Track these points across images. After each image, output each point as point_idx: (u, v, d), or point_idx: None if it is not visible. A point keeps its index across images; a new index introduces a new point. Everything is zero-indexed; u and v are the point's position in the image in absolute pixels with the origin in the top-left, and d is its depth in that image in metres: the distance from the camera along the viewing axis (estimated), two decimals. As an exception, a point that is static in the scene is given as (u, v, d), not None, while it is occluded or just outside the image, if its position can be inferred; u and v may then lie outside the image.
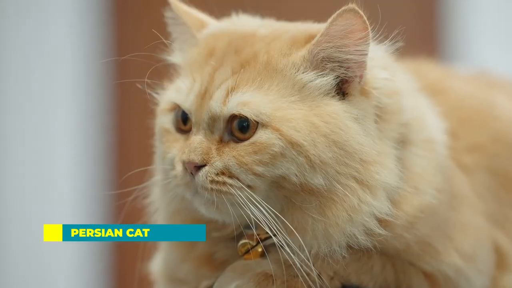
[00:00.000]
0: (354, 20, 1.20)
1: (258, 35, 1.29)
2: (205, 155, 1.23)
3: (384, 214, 1.24)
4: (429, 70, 1.57)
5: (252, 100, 1.22)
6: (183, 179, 1.24)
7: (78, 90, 3.55)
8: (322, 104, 1.23)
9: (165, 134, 1.30)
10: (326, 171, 1.22)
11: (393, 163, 1.26)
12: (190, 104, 1.26)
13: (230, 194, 1.22)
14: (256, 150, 1.22)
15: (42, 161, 3.55)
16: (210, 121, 1.24)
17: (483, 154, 1.45)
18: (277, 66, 1.24)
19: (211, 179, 1.22)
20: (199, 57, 1.29)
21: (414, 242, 1.28)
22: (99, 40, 3.56)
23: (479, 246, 1.36)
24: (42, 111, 3.55)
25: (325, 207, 1.23)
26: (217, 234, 1.31)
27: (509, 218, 1.45)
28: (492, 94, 1.57)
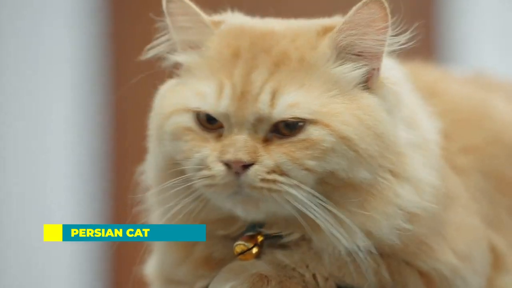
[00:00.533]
0: (378, 10, 1.23)
1: (277, 33, 1.29)
2: (253, 153, 1.21)
3: (414, 208, 1.27)
4: (425, 72, 1.58)
5: (300, 100, 1.22)
6: (224, 178, 1.21)
7: (75, 89, 3.55)
8: (358, 97, 1.25)
9: (186, 133, 1.26)
10: (371, 164, 1.23)
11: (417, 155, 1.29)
12: (224, 108, 1.23)
13: (281, 192, 1.21)
14: (307, 146, 1.22)
15: (39, 161, 3.55)
16: (256, 122, 1.23)
17: (478, 155, 1.45)
18: (310, 61, 1.25)
19: (261, 177, 1.21)
20: (221, 57, 1.27)
21: (411, 241, 1.29)
22: (96, 39, 3.56)
23: (474, 246, 1.37)
24: (39, 110, 3.54)
25: (365, 202, 1.24)
26: (222, 232, 1.31)
27: (503, 220, 1.45)
28: (488, 96, 1.58)
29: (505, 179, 1.47)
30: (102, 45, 3.57)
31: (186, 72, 1.31)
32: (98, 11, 3.58)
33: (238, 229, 1.30)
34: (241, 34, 1.29)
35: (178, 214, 1.28)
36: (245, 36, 1.28)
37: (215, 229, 1.31)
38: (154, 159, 1.33)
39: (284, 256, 1.29)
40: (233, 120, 1.23)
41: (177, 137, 1.27)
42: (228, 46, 1.27)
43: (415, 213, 1.27)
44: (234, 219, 1.30)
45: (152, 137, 1.34)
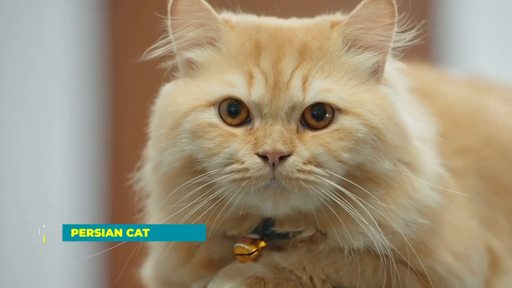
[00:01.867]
0: (386, 6, 1.26)
1: (291, 27, 1.31)
2: (290, 144, 1.21)
3: (430, 201, 1.28)
4: (421, 73, 1.58)
5: (331, 87, 1.24)
6: (260, 171, 1.20)
7: (73, 91, 3.55)
8: (376, 87, 1.28)
9: (211, 130, 1.24)
10: (394, 155, 1.25)
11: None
12: (259, 97, 1.23)
13: (316, 183, 1.21)
14: (342, 137, 1.22)
15: (37, 161, 3.54)
16: (289, 110, 1.23)
17: (474, 157, 1.46)
18: (328, 51, 1.26)
19: (299, 168, 1.20)
20: (243, 50, 1.27)
21: (408, 241, 1.28)
22: (94, 40, 3.56)
23: (471, 246, 1.38)
24: (37, 110, 3.54)
25: (386, 195, 1.25)
26: (234, 232, 1.30)
27: (499, 222, 1.46)
28: (484, 98, 1.58)
29: (500, 181, 1.48)
30: (99, 49, 3.57)
31: (200, 69, 1.30)
32: (96, 13, 3.58)
33: (248, 229, 1.30)
34: (259, 28, 1.30)
35: (192, 216, 1.26)
36: (263, 30, 1.29)
37: (228, 229, 1.30)
38: (163, 161, 1.29)
39: (281, 258, 1.29)
40: (266, 110, 1.23)
41: (199, 135, 1.25)
42: (248, 39, 1.28)
43: (430, 206, 1.28)
44: (246, 218, 1.29)
45: (160, 138, 1.30)
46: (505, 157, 1.49)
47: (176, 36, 1.31)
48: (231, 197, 1.23)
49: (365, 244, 1.25)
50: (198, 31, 1.30)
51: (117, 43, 3.56)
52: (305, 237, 1.28)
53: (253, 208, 1.26)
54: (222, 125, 1.25)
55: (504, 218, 1.46)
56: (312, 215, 1.25)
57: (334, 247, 1.27)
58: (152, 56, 1.33)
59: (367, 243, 1.25)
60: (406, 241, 1.27)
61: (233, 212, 1.26)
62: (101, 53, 3.56)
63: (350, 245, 1.26)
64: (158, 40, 1.32)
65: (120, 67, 3.54)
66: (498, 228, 1.45)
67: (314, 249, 1.28)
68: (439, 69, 1.81)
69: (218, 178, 1.23)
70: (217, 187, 1.24)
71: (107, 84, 3.57)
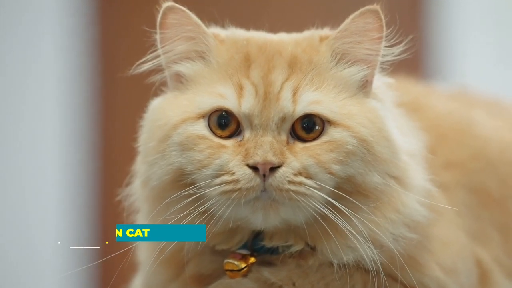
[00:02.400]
0: (374, 20, 1.26)
1: (281, 40, 1.32)
2: (280, 155, 1.21)
3: (418, 216, 1.28)
4: (409, 87, 1.59)
5: (321, 98, 1.24)
6: (250, 182, 1.20)
7: (62, 106, 3.55)
8: (365, 101, 1.28)
9: (200, 142, 1.24)
10: (383, 169, 1.25)
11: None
12: (249, 108, 1.23)
13: (306, 195, 1.21)
14: (332, 149, 1.23)
15: (27, 162, 3.54)
16: (280, 121, 1.23)
17: (462, 171, 1.46)
18: (318, 63, 1.27)
19: (289, 179, 1.20)
20: (232, 62, 1.28)
21: (398, 255, 1.28)
22: (84, 42, 3.56)
23: (460, 260, 1.38)
24: (26, 125, 3.54)
25: (375, 209, 1.25)
26: (224, 247, 1.30)
27: (488, 236, 1.46)
28: (471, 112, 1.59)
29: (489, 194, 1.48)
30: (89, 64, 3.57)
31: (189, 82, 1.31)
32: (85, 26, 3.58)
33: (238, 243, 1.30)
34: (248, 41, 1.31)
35: None
36: (252, 43, 1.30)
37: (217, 243, 1.30)
38: (152, 175, 1.29)
39: (271, 274, 1.28)
40: (256, 121, 1.23)
41: (189, 147, 1.25)
42: (238, 52, 1.29)
43: (418, 221, 1.28)
44: (235, 232, 1.29)
45: (149, 152, 1.30)
46: (492, 170, 1.49)
47: (165, 50, 1.31)
48: (220, 209, 1.23)
49: (354, 258, 1.25)
50: (188, 45, 1.31)
51: (106, 57, 3.56)
52: (294, 252, 1.28)
53: (243, 221, 1.25)
54: (212, 137, 1.25)
55: (493, 230, 1.46)
56: (302, 228, 1.24)
57: (324, 262, 1.27)
58: (141, 70, 1.33)
59: (356, 257, 1.25)
60: (397, 255, 1.26)
61: (223, 226, 1.26)
62: (91, 68, 3.56)
63: (340, 259, 1.25)
64: (147, 54, 1.32)
65: (109, 82, 3.55)
66: (487, 241, 1.45)
67: (304, 265, 1.28)
68: (427, 83, 1.82)
69: (208, 190, 1.23)
70: (206, 199, 1.24)
71: (97, 99, 3.57)
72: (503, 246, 1.46)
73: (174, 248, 1.30)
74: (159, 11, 1.30)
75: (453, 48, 3.38)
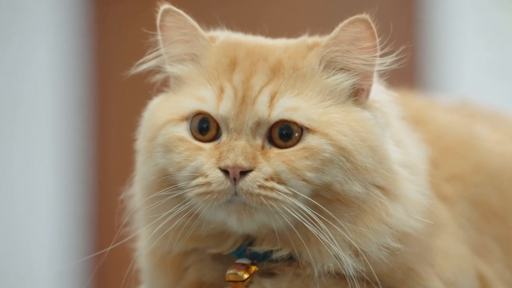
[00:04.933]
0: (364, 29, 1.25)
1: (271, 45, 1.32)
2: (252, 160, 1.21)
3: (404, 227, 1.26)
4: (410, 100, 1.58)
5: (300, 105, 1.23)
6: (221, 185, 1.21)
7: (58, 108, 3.56)
8: (352, 110, 1.27)
9: (180, 144, 1.25)
10: (365, 178, 1.24)
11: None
12: (225, 111, 1.24)
13: (278, 201, 1.21)
14: (307, 156, 1.22)
15: (21, 163, 3.54)
16: (254, 126, 1.23)
17: (464, 184, 1.45)
18: (303, 70, 1.26)
19: (259, 184, 1.20)
20: (219, 66, 1.28)
21: (398, 267, 1.28)
22: (79, 45, 3.57)
23: (461, 273, 1.37)
24: (22, 126, 3.55)
25: (356, 218, 1.24)
26: (215, 251, 1.30)
27: (490, 250, 1.45)
28: (474, 125, 1.58)
29: (491, 207, 1.47)
30: (86, 65, 3.58)
31: (181, 83, 1.32)
32: (82, 27, 3.59)
33: (231, 247, 1.30)
34: (238, 45, 1.31)
35: (168, 230, 1.26)
36: (242, 47, 1.30)
37: (207, 247, 1.30)
38: (143, 174, 1.31)
39: (272, 285, 1.28)
40: (232, 125, 1.23)
41: (170, 149, 1.26)
42: (225, 56, 1.29)
43: (406, 232, 1.27)
44: (226, 235, 1.29)
45: (141, 151, 1.32)
46: (495, 183, 1.49)
47: (163, 51, 1.33)
48: (201, 211, 1.24)
49: (335, 266, 1.24)
50: (183, 48, 1.32)
51: (102, 58, 3.58)
52: (291, 260, 1.27)
53: (223, 224, 1.26)
54: (191, 139, 1.26)
55: (495, 244, 1.45)
56: (286, 234, 1.24)
57: (323, 273, 1.26)
58: (138, 71, 1.34)
59: (337, 265, 1.24)
60: (395, 267, 1.27)
61: (208, 228, 1.27)
62: (87, 70, 3.57)
63: (321, 266, 1.25)
64: (146, 55, 1.34)
65: (105, 83, 3.55)
66: (489, 255, 1.44)
67: (301, 273, 1.27)
68: (428, 96, 1.81)
69: (186, 191, 1.24)
70: (187, 200, 1.25)
71: (93, 99, 3.58)
72: (505, 260, 1.45)
73: (170, 253, 1.31)
74: (157, 13, 1.31)
75: (448, 61, 3.39)
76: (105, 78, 3.55)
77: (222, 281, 1.30)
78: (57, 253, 3.55)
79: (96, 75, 3.61)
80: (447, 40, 3.40)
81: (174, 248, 1.30)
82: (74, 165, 3.59)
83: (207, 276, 1.33)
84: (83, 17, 3.59)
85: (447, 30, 3.41)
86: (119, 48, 3.34)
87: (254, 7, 3.32)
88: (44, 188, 3.57)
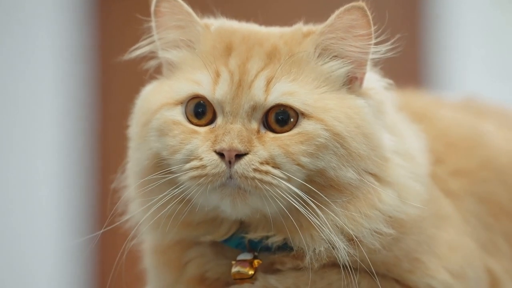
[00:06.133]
0: (359, 17, 1.25)
1: (266, 31, 1.32)
2: (247, 143, 1.21)
3: (395, 212, 1.26)
4: (416, 98, 1.58)
5: (296, 90, 1.23)
6: (216, 168, 1.21)
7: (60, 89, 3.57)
8: (347, 97, 1.27)
9: (174, 127, 1.26)
10: (359, 165, 1.24)
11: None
12: (222, 94, 1.24)
13: (272, 184, 1.20)
14: (302, 141, 1.22)
15: (23, 161, 3.55)
16: (250, 110, 1.23)
17: (471, 180, 1.44)
18: (298, 56, 1.26)
19: (254, 167, 1.20)
20: (214, 51, 1.28)
21: (403, 256, 1.28)
22: (82, 40, 3.57)
23: (469, 265, 1.36)
24: (24, 117, 3.56)
25: (349, 203, 1.24)
26: (209, 238, 1.30)
27: (498, 245, 1.44)
28: (480, 122, 1.57)
29: (498, 203, 1.46)
30: (88, 61, 3.59)
31: (175, 69, 1.32)
32: (84, 11, 3.59)
33: (224, 234, 1.29)
34: (233, 31, 1.31)
35: (160, 214, 1.25)
36: (237, 33, 1.30)
37: (200, 233, 1.30)
38: (136, 160, 1.30)
39: (277, 281, 1.27)
40: (228, 108, 1.23)
41: (164, 133, 1.26)
42: (221, 41, 1.29)
43: (398, 217, 1.26)
44: (219, 221, 1.29)
45: (134, 137, 1.32)
46: (503, 179, 1.47)
47: (157, 37, 1.33)
48: (193, 196, 1.24)
49: (327, 249, 1.24)
50: (177, 33, 1.32)
51: (104, 47, 3.59)
52: (290, 253, 1.27)
53: (216, 208, 1.25)
54: (186, 123, 1.26)
55: (503, 241, 1.44)
56: (279, 219, 1.24)
57: (325, 264, 1.26)
58: (133, 56, 1.34)
59: (329, 249, 1.24)
60: (401, 256, 1.27)
61: (201, 214, 1.27)
62: (88, 59, 3.59)
63: (313, 250, 1.24)
64: (140, 41, 1.34)
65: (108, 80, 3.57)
66: (498, 251, 1.43)
67: (300, 264, 1.27)
68: (434, 93, 1.81)
69: (179, 174, 1.23)
70: (180, 183, 1.24)
71: (96, 97, 3.60)
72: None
73: (171, 248, 1.32)
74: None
75: (452, 61, 3.39)
76: (107, 66, 3.56)
77: (228, 276, 1.30)
78: (59, 252, 3.55)
79: (98, 61, 3.62)
80: (450, 40, 3.41)
81: (166, 235, 1.30)
82: (76, 163, 3.59)
83: (211, 272, 1.32)
84: (85, 13, 3.61)
85: (451, 30, 3.41)
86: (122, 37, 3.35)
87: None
88: (46, 184, 3.58)
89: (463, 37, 3.40)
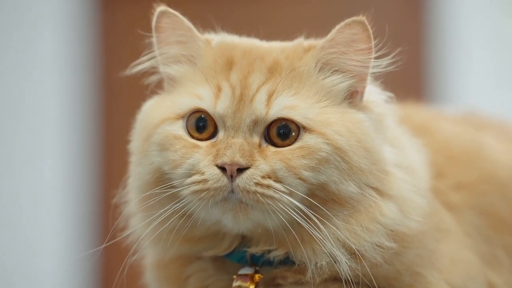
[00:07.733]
0: (360, 31, 1.26)
1: (267, 46, 1.33)
2: (249, 157, 1.21)
3: (397, 226, 1.26)
4: (417, 112, 1.58)
5: (297, 104, 1.24)
6: (218, 182, 1.21)
7: (64, 95, 3.58)
8: (348, 111, 1.27)
9: (176, 142, 1.26)
10: (360, 179, 1.24)
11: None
12: (223, 108, 1.24)
13: (274, 198, 1.21)
14: (304, 155, 1.22)
15: (27, 177, 3.55)
16: (252, 124, 1.23)
17: (471, 193, 1.45)
18: (299, 70, 1.27)
19: (256, 181, 1.20)
20: (216, 65, 1.29)
21: (404, 270, 1.28)
22: (85, 56, 3.59)
23: (470, 279, 1.36)
24: (27, 112, 3.56)
25: (350, 217, 1.24)
26: (211, 252, 1.30)
27: (499, 259, 1.44)
28: (481, 135, 1.57)
29: (499, 217, 1.46)
30: (92, 65, 3.60)
31: (176, 84, 1.32)
32: (88, 15, 3.61)
33: (226, 249, 1.29)
34: (234, 46, 1.32)
35: (162, 229, 1.26)
36: (238, 48, 1.31)
37: (202, 248, 1.30)
38: (137, 174, 1.31)
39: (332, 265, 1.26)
40: (229, 122, 1.24)
41: (166, 147, 1.26)
42: (222, 56, 1.30)
43: (400, 231, 1.26)
44: (221, 236, 1.29)
45: (136, 152, 1.32)
46: (503, 192, 1.47)
47: (158, 53, 1.34)
48: (195, 210, 1.24)
49: (329, 265, 1.24)
50: (178, 48, 1.33)
51: (107, 59, 3.60)
52: (292, 267, 1.27)
53: (218, 223, 1.25)
54: (187, 137, 1.26)
55: (504, 254, 1.44)
56: (281, 233, 1.24)
57: (327, 279, 1.26)
58: (135, 71, 1.35)
59: (332, 265, 1.24)
60: (402, 270, 1.27)
61: (202, 229, 1.27)
62: (92, 69, 3.61)
63: (315, 264, 1.24)
64: (141, 56, 1.35)
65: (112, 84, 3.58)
66: (498, 264, 1.43)
67: (302, 279, 1.27)
68: (435, 107, 1.81)
69: (181, 189, 1.24)
70: (182, 198, 1.24)
71: (100, 100, 3.61)
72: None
73: (172, 263, 1.32)
74: (153, 15, 1.32)
75: (455, 72, 3.39)
76: (111, 79, 3.58)
77: None
78: (63, 252, 3.55)
79: (102, 75, 3.63)
80: (453, 53, 3.41)
81: (168, 250, 1.30)
82: (79, 164, 3.60)
83: (212, 287, 1.32)
84: (90, 19, 3.62)
85: (453, 43, 3.41)
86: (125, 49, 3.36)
87: (250, 11, 3.34)
88: (50, 185, 3.59)
89: (466, 50, 3.40)
